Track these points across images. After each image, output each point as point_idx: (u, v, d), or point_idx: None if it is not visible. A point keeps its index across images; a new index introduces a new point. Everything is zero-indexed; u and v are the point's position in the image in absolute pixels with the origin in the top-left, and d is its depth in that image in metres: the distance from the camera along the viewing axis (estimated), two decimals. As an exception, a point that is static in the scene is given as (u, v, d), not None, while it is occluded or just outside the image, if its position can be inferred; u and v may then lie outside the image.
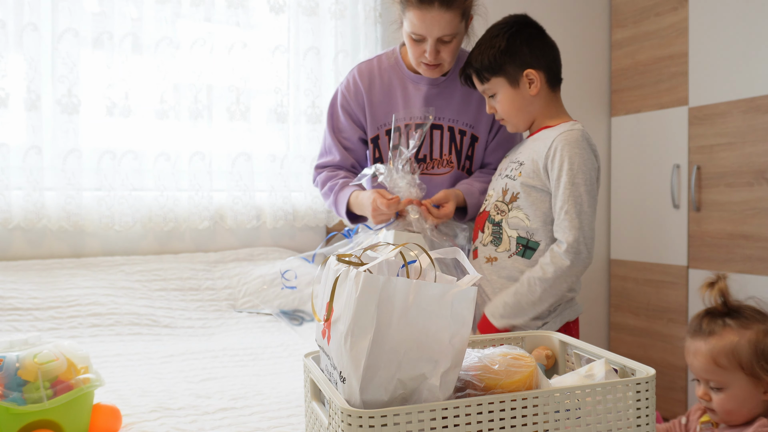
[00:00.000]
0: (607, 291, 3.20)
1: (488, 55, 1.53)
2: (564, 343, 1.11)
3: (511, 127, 1.61)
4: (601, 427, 0.86)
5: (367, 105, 1.73)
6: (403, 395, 0.82)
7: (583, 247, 1.44)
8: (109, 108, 2.24)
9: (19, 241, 2.18)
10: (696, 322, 1.30)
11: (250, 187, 2.44)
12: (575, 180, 1.45)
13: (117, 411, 1.12)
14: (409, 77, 1.72)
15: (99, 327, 1.81)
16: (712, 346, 1.24)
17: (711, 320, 1.28)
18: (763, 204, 2.44)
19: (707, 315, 1.29)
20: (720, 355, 1.22)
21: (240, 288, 2.16)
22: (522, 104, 1.55)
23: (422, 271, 0.93)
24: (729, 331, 1.24)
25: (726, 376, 1.23)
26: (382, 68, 1.75)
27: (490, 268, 1.57)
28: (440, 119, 1.71)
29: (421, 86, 1.71)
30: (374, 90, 1.73)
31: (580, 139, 1.48)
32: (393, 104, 1.72)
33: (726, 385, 1.23)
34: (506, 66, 1.53)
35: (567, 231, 1.44)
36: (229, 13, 2.40)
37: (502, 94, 1.55)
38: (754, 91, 2.46)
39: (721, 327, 1.25)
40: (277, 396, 1.29)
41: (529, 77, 1.53)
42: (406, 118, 1.70)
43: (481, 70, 1.55)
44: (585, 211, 1.45)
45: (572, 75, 3.07)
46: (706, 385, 1.26)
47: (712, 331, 1.25)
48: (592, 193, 1.47)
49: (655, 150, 2.90)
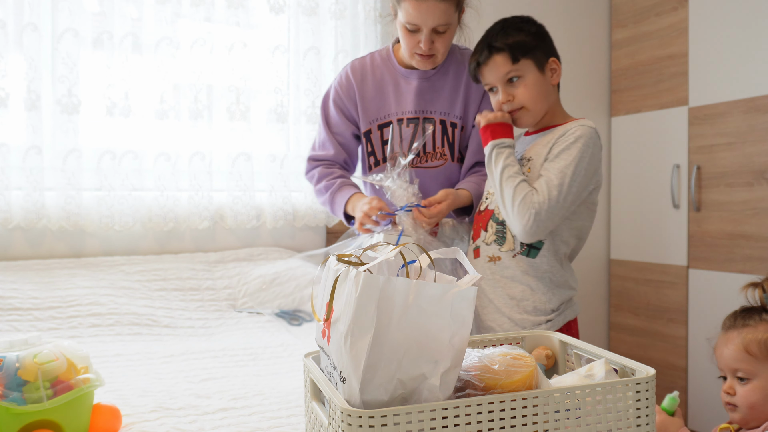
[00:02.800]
0: (607, 291, 3.20)
1: (523, 34, 1.52)
2: (564, 343, 1.11)
3: (527, 117, 1.56)
4: (601, 427, 0.86)
5: (359, 100, 1.75)
6: (403, 395, 0.82)
7: (544, 215, 1.45)
8: (109, 108, 2.24)
9: (19, 241, 2.18)
10: (731, 317, 1.33)
11: (250, 187, 2.44)
12: (578, 165, 1.46)
13: (117, 411, 1.12)
14: (401, 72, 1.74)
15: (99, 327, 1.81)
16: (745, 335, 1.27)
17: (747, 315, 1.31)
18: (763, 204, 2.44)
19: (743, 311, 1.33)
20: (752, 344, 1.25)
21: (240, 288, 2.16)
22: (546, 92, 1.55)
23: (422, 271, 0.93)
24: (764, 324, 1.27)
25: (755, 366, 1.25)
26: (375, 64, 1.77)
27: (493, 267, 1.57)
28: (432, 113, 1.72)
29: (412, 80, 1.72)
30: (366, 85, 1.75)
31: (595, 136, 1.51)
32: (385, 99, 1.74)
33: (753, 375, 1.25)
34: (536, 50, 1.53)
35: (540, 192, 1.46)
36: (229, 13, 2.40)
37: (530, 77, 1.53)
38: (754, 91, 2.46)
39: (757, 320, 1.28)
40: (277, 396, 1.29)
41: (552, 66, 1.55)
42: (398, 113, 1.73)
43: (515, 48, 1.51)
44: (564, 191, 1.45)
45: (572, 75, 3.07)
46: (733, 376, 1.28)
47: (747, 324, 1.29)
48: (581, 185, 1.48)
49: (655, 150, 2.90)
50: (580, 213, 1.54)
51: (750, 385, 1.25)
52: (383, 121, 1.74)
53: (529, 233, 1.47)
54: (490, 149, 1.54)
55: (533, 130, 1.62)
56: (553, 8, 3.05)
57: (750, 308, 1.32)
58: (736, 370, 1.27)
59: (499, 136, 1.54)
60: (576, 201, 1.49)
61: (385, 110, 1.74)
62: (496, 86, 1.55)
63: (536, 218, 1.45)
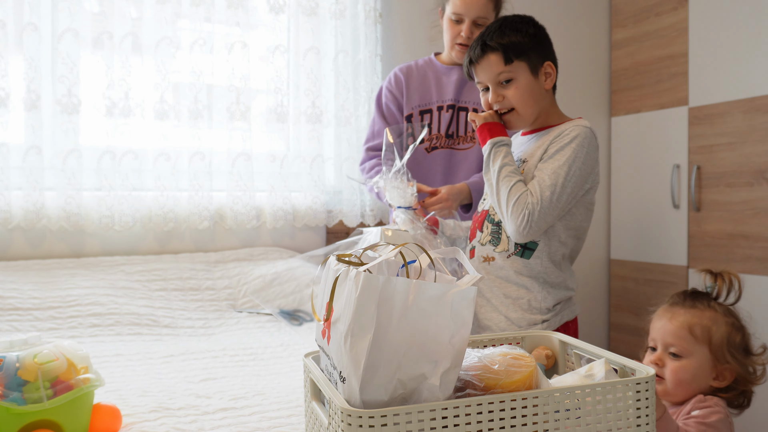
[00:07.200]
0: (607, 291, 3.20)
1: (519, 35, 1.51)
2: (564, 343, 1.11)
3: (516, 119, 1.56)
4: (601, 427, 0.86)
5: (405, 89, 2.11)
6: (403, 395, 0.82)
7: (537, 216, 1.45)
8: (109, 108, 2.24)
9: (19, 241, 2.18)
10: (680, 295, 1.38)
11: (250, 187, 2.44)
12: (572, 165, 1.46)
13: (117, 411, 1.12)
14: (442, 70, 2.10)
15: (99, 327, 1.81)
16: (692, 315, 1.31)
17: (696, 297, 1.36)
18: (763, 204, 2.44)
19: (693, 293, 1.37)
20: (696, 327, 1.30)
21: (240, 288, 2.16)
22: (538, 95, 1.54)
23: (422, 271, 0.93)
24: (712, 311, 1.32)
25: (693, 346, 1.29)
26: (418, 65, 2.15)
27: (487, 267, 1.57)
28: (467, 102, 2.07)
29: (452, 75, 2.08)
30: (412, 79, 2.12)
31: (591, 136, 1.51)
32: (426, 89, 2.10)
33: (688, 354, 1.29)
34: (531, 53, 1.51)
35: (534, 193, 1.46)
36: (229, 13, 2.40)
37: (522, 80, 1.51)
38: (754, 91, 2.46)
39: (705, 306, 1.33)
40: (277, 396, 1.29)
41: (546, 70, 1.54)
42: (438, 101, 2.08)
43: (509, 49, 1.50)
44: (558, 192, 1.45)
45: (572, 75, 3.07)
46: (665, 350, 1.31)
47: (695, 306, 1.33)
48: (575, 185, 1.47)
49: (655, 150, 2.90)
50: (578, 213, 1.53)
51: (681, 363, 1.29)
52: (424, 108, 2.08)
53: (522, 234, 1.47)
54: (489, 148, 1.54)
55: (528, 131, 1.62)
56: (553, 8, 3.05)
57: (700, 292, 1.37)
58: (671, 344, 1.31)
59: (496, 135, 1.54)
60: (571, 201, 1.49)
61: (426, 99, 2.09)
62: (488, 85, 1.55)
63: (529, 219, 1.45)
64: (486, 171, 1.55)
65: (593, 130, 1.52)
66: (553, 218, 1.48)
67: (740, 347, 1.30)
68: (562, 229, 1.52)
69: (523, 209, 1.45)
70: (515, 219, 1.46)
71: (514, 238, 1.50)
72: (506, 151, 1.53)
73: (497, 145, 1.53)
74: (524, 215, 1.45)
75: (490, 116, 1.56)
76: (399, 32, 2.74)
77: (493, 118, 1.56)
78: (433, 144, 2.07)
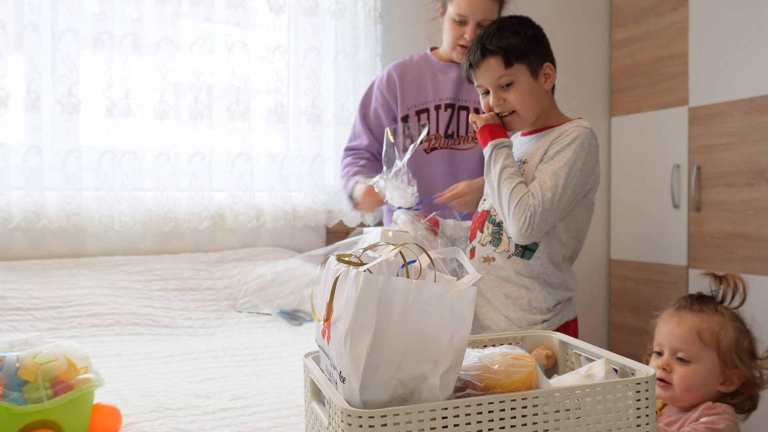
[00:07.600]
0: (607, 291, 3.20)
1: (518, 38, 1.50)
2: (564, 343, 1.11)
3: (517, 121, 1.56)
4: (601, 427, 0.86)
5: (399, 89, 2.01)
6: (403, 395, 0.82)
7: (539, 217, 1.45)
8: (109, 108, 2.24)
9: (19, 241, 2.18)
10: (686, 299, 1.35)
11: (250, 187, 2.44)
12: (572, 166, 1.46)
13: (117, 411, 1.12)
14: (439, 67, 2.01)
15: (99, 327, 1.81)
16: (701, 320, 1.29)
17: (702, 301, 1.34)
18: (763, 204, 2.44)
19: (699, 297, 1.35)
20: (705, 331, 1.28)
21: (240, 288, 2.16)
22: (539, 97, 1.54)
23: (422, 271, 0.93)
24: (719, 316, 1.30)
25: (702, 351, 1.27)
26: (413, 61, 2.05)
27: (488, 267, 1.57)
28: (467, 101, 1.99)
29: (450, 72, 1.99)
30: (406, 77, 2.02)
31: (591, 136, 1.50)
32: (422, 89, 2.01)
33: (697, 359, 1.27)
34: (531, 55, 1.51)
35: (535, 194, 1.46)
36: (229, 13, 2.40)
37: (522, 83, 1.51)
38: (754, 91, 2.46)
39: (712, 310, 1.31)
40: (277, 396, 1.29)
41: (546, 71, 1.54)
42: (435, 100, 1.99)
43: (509, 52, 1.49)
44: (559, 193, 1.45)
45: (572, 75, 3.07)
46: (672, 355, 1.30)
47: (702, 310, 1.31)
48: (576, 186, 1.47)
49: (655, 150, 2.90)
50: (578, 214, 1.54)
51: (690, 368, 1.27)
52: (420, 108, 2.00)
53: (524, 235, 1.47)
54: (490, 149, 1.54)
55: (529, 131, 1.62)
56: (553, 8, 3.05)
57: (706, 296, 1.35)
58: (678, 349, 1.29)
59: (498, 136, 1.54)
60: (572, 202, 1.49)
61: (422, 98, 2.00)
62: (488, 89, 1.54)
63: (531, 221, 1.45)
64: (487, 172, 1.55)
65: (593, 130, 1.53)
66: (555, 219, 1.48)
67: (747, 351, 1.29)
68: (563, 230, 1.53)
69: (525, 211, 1.45)
70: (517, 221, 1.46)
71: (516, 240, 1.50)
72: (507, 152, 1.53)
73: (498, 146, 1.53)
74: (526, 217, 1.45)
75: (491, 118, 1.56)
76: (399, 32, 2.74)
77: (494, 120, 1.56)
78: (432, 144, 1.99)
